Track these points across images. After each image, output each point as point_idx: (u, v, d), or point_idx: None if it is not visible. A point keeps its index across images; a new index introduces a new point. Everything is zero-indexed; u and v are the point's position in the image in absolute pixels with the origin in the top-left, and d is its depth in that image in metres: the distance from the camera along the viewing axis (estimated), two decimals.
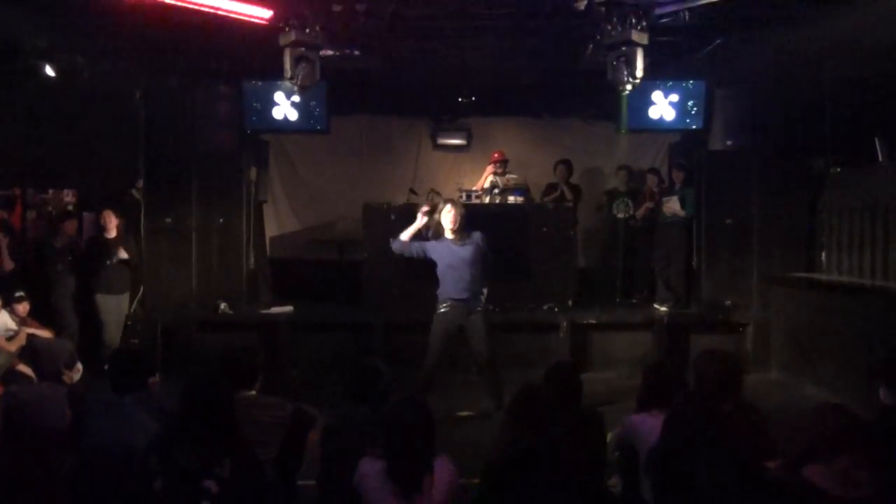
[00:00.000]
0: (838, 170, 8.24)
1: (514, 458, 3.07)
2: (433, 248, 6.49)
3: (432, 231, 6.56)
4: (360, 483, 3.16)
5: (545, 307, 8.70)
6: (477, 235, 6.46)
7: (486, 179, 9.53)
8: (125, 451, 3.22)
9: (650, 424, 3.44)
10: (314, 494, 3.86)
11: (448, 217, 6.40)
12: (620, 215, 9.63)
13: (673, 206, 9.00)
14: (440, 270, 6.42)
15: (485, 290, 6.53)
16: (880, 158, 7.43)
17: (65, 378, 6.20)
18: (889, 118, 7.65)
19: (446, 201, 6.64)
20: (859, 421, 3.07)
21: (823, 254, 8.33)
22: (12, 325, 6.84)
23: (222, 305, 8.57)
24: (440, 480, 3.13)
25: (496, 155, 9.70)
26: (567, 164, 9.83)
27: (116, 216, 8.09)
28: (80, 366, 6.82)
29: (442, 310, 6.43)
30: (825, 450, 2.98)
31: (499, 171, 9.60)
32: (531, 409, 3.26)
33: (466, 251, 6.37)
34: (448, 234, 6.44)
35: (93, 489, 3.03)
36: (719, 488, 2.86)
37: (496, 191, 9.28)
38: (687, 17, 6.45)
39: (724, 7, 6.29)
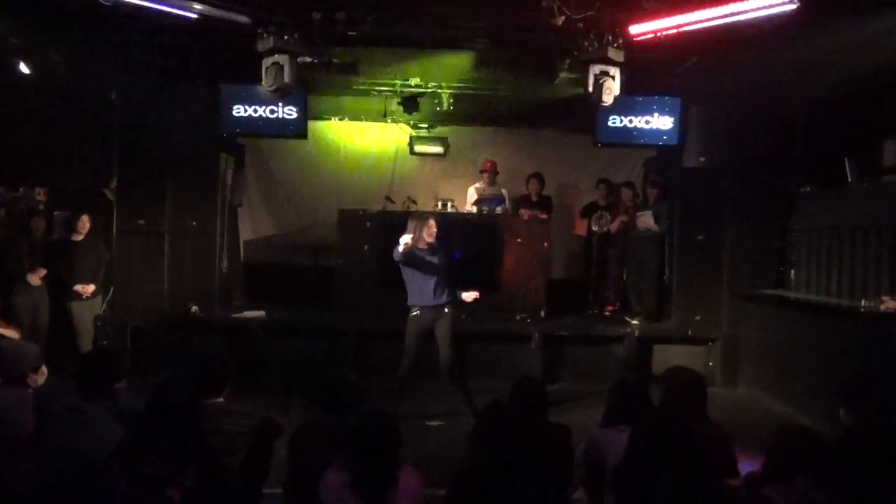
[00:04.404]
0: (808, 189, 8.36)
1: (481, 471, 3.09)
2: (412, 257, 6.57)
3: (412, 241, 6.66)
4: (325, 494, 3.15)
5: (518, 318, 8.74)
6: (445, 250, 6.67)
7: (471, 196, 9.59)
8: (87, 458, 3.18)
9: (616, 440, 3.47)
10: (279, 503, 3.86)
11: (425, 231, 6.52)
12: (596, 228, 9.71)
13: (647, 220, 9.07)
14: (415, 279, 6.54)
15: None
16: (850, 179, 7.55)
17: (29, 381, 6.10)
18: (859, 140, 7.78)
19: (424, 214, 6.82)
20: (820, 442, 3.13)
21: (793, 272, 8.43)
22: None
23: (194, 308, 8.51)
24: (405, 492, 3.13)
25: (488, 164, 9.75)
26: (539, 178, 9.89)
27: (91, 220, 8.01)
28: (44, 369, 6.71)
29: (414, 313, 6.58)
30: (786, 470, 3.03)
31: (488, 181, 9.67)
32: (497, 423, 3.27)
33: (440, 259, 6.55)
34: (422, 245, 6.54)
35: (54, 496, 3.00)
36: None
37: (481, 203, 9.34)
38: (662, 36, 6.52)
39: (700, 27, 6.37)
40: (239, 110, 8.88)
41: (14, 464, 3.08)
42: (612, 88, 6.96)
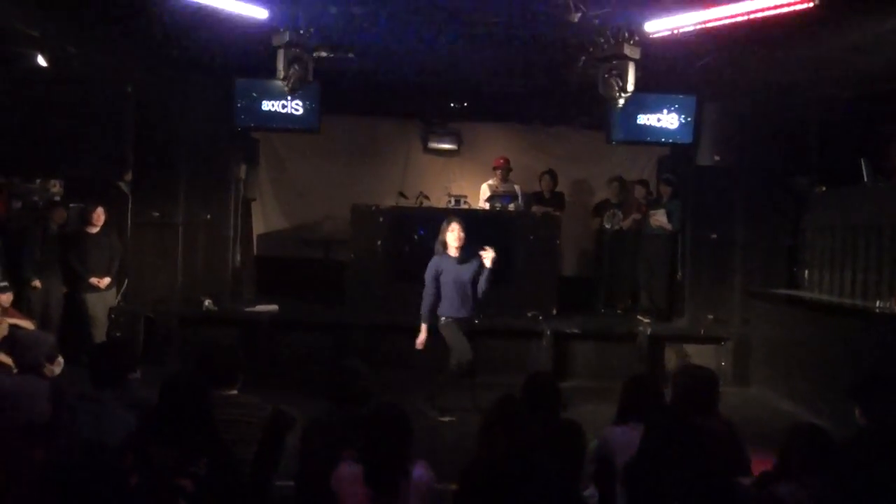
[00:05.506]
0: (823, 189, 8.31)
1: (490, 466, 3.09)
2: (438, 266, 6.59)
3: (437, 246, 6.68)
4: (337, 486, 3.17)
5: (529, 315, 8.72)
6: (475, 259, 6.59)
7: (484, 192, 9.58)
8: (101, 447, 3.21)
9: (628, 437, 3.46)
10: (291, 495, 3.87)
11: (452, 236, 6.54)
12: (609, 226, 9.69)
13: (660, 218, 9.05)
14: (443, 290, 6.55)
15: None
16: (865, 179, 7.50)
17: (45, 371, 6.15)
18: (874, 140, 7.73)
19: (451, 219, 6.73)
20: (833, 441, 3.12)
21: (806, 271, 8.39)
22: None
23: (207, 302, 8.54)
24: (417, 486, 3.14)
25: (501, 161, 9.73)
26: (552, 175, 9.90)
27: (105, 213, 8.06)
28: (61, 359, 6.76)
29: (443, 321, 6.57)
30: (798, 469, 3.02)
31: (500, 177, 9.66)
32: (508, 417, 3.28)
33: (468, 270, 6.54)
34: (452, 252, 6.55)
35: (68, 484, 3.02)
36: (693, 502, 2.89)
37: (493, 199, 9.34)
38: (679, 34, 6.50)
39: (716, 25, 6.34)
40: (253, 104, 8.89)
41: (29, 451, 3.10)
42: (627, 86, 6.94)
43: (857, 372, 6.10)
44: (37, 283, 7.74)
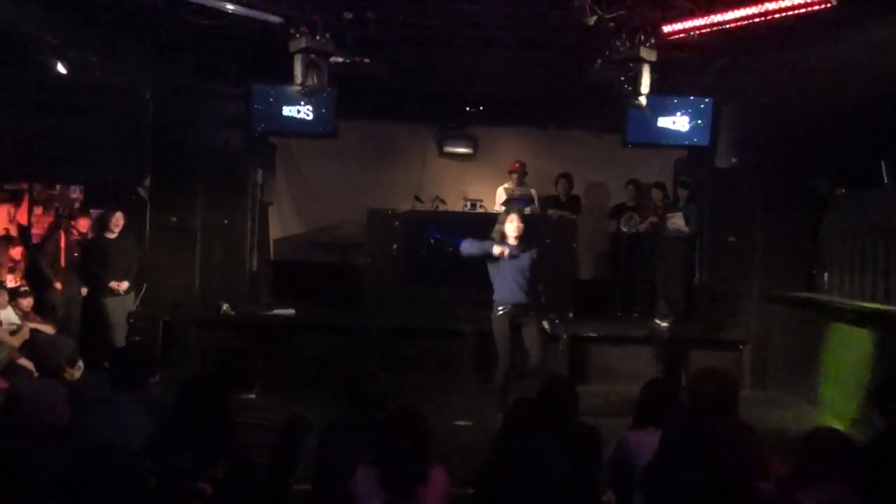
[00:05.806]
0: (843, 191, 8.24)
1: (506, 470, 3.09)
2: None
3: (495, 238, 6.63)
4: (355, 490, 3.17)
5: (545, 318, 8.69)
6: (534, 248, 6.59)
7: (500, 196, 9.57)
8: (120, 450, 3.23)
9: (646, 441, 3.45)
10: (309, 499, 3.88)
11: (511, 226, 6.50)
12: (625, 229, 9.65)
13: (677, 221, 8.99)
14: (500, 275, 6.50)
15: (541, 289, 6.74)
16: (885, 181, 7.44)
17: (65, 375, 6.21)
18: (894, 141, 7.66)
19: (509, 211, 6.72)
20: (852, 445, 3.09)
21: (826, 274, 8.32)
22: (15, 319, 6.88)
23: (224, 306, 8.58)
24: (434, 490, 3.14)
25: (516, 164, 9.73)
26: (568, 178, 9.86)
27: (124, 218, 8.13)
28: (81, 363, 6.84)
29: (500, 312, 6.50)
30: (817, 473, 2.99)
31: (516, 181, 9.65)
32: (524, 421, 3.27)
33: (526, 259, 6.49)
34: (510, 241, 6.53)
35: (86, 487, 3.04)
36: None
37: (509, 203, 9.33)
38: (695, 35, 6.48)
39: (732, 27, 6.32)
40: (270, 109, 8.93)
41: (47, 454, 3.13)
42: (643, 89, 6.93)
43: (878, 375, 6.05)
44: (58, 286, 7.82)
